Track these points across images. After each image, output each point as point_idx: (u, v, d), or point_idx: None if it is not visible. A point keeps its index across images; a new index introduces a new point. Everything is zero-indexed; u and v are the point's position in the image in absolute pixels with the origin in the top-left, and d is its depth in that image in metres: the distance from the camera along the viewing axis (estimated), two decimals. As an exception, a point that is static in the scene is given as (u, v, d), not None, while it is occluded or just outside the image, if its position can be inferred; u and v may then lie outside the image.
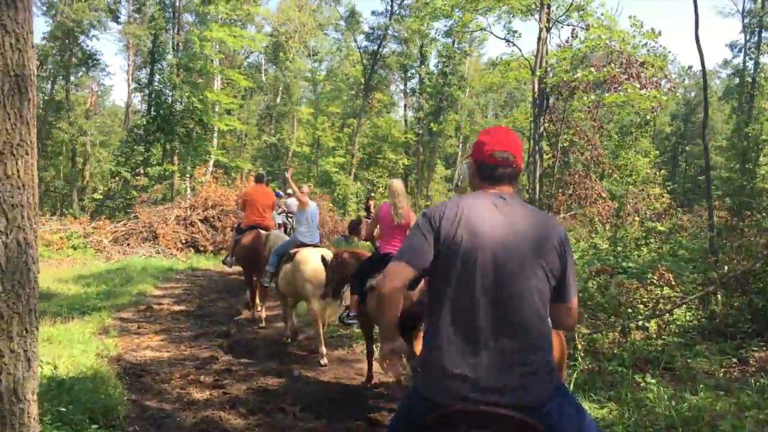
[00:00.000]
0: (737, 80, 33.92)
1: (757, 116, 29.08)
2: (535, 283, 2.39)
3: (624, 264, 11.44)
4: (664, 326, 7.41)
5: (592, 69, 15.16)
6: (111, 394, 6.03)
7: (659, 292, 8.50)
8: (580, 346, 6.81)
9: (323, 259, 7.83)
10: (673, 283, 8.90)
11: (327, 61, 44.58)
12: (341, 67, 44.38)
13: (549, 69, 15.65)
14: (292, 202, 15.65)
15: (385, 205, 6.65)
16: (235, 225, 12.97)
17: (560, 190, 16.48)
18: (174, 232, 18.91)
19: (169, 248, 18.34)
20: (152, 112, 28.85)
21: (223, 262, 12.28)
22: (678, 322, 7.59)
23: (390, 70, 43.44)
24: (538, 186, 16.12)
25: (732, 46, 33.26)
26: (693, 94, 57.98)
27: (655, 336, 7.20)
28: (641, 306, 8.40)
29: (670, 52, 15.03)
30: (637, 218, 15.10)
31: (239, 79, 30.78)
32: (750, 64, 31.10)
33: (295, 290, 8.48)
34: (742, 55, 32.15)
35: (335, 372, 7.49)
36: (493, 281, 2.36)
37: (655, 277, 8.74)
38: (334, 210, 30.05)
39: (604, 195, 16.16)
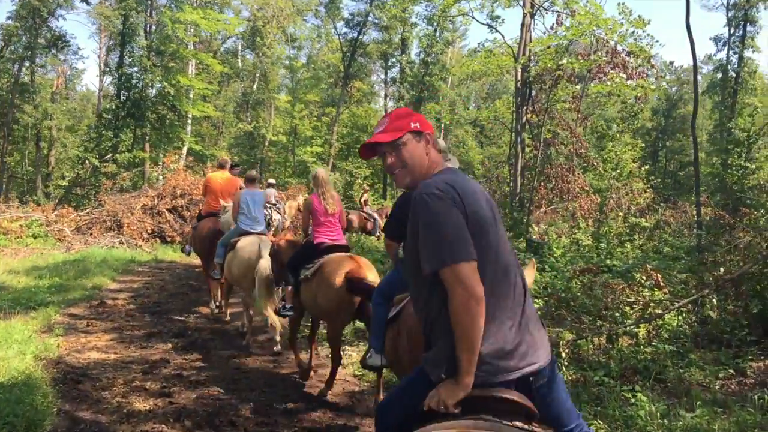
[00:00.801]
0: (720, 75, 33.59)
1: (740, 111, 28.80)
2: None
3: (608, 262, 10.91)
4: (654, 332, 6.82)
5: (578, 57, 14.57)
6: (39, 404, 5.37)
7: (647, 294, 7.94)
8: (564, 354, 6.20)
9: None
10: (662, 283, 8.36)
11: (306, 48, 43.73)
12: (320, 54, 43.56)
13: (533, 57, 15.02)
14: (271, 192, 16.34)
15: (314, 196, 6.54)
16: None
17: (542, 184, 15.91)
18: (140, 221, 18.07)
19: (134, 239, 17.52)
20: (122, 97, 27.84)
21: (182, 251, 12.12)
22: (668, 327, 7.00)
23: (370, 59, 42.65)
24: (519, 179, 15.53)
25: (716, 39, 32.85)
26: (675, 89, 58.00)
27: (644, 343, 6.62)
28: (628, 309, 7.84)
29: (657, 41, 14.43)
30: (620, 214, 14.58)
31: (213, 64, 29.91)
32: (734, 59, 30.75)
33: (238, 280, 8.45)
34: (726, 49, 31.78)
35: (297, 378, 6.84)
36: (506, 251, 2.41)
37: (643, 277, 8.19)
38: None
39: (586, 189, 15.62)
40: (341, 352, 6.48)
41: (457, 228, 2.25)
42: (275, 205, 15.89)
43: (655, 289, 8.12)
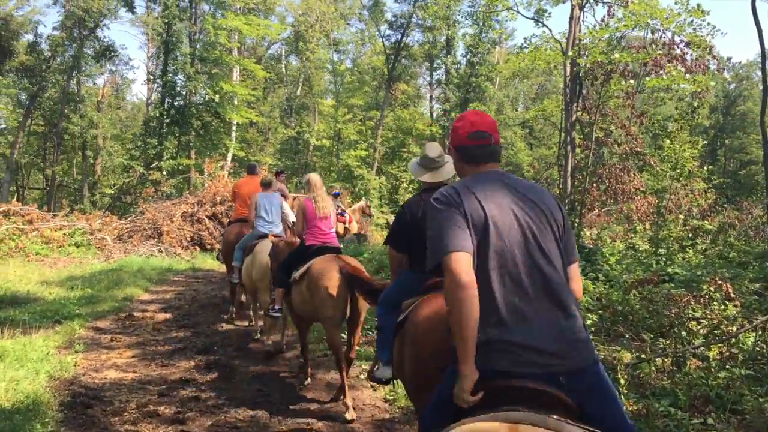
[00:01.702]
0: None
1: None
2: (554, 246, 2.44)
3: (669, 269, 9.99)
4: (727, 353, 5.96)
5: (632, 50, 13.63)
6: (40, 432, 4.92)
7: (716, 307, 7.08)
8: (622, 380, 5.43)
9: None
10: (732, 295, 7.47)
11: (350, 52, 43.35)
12: (364, 57, 43.13)
13: (582, 51, 14.13)
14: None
15: (307, 200, 6.66)
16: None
17: (594, 185, 14.99)
18: (179, 229, 17.80)
19: (173, 246, 17.25)
20: (166, 104, 27.86)
21: (217, 258, 12.37)
22: (743, 348, 6.12)
23: (415, 61, 41.99)
24: (569, 181, 14.63)
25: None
26: (733, 86, 55.91)
27: (716, 366, 5.77)
28: (694, 324, 6.99)
29: (718, 30, 13.37)
30: (680, 216, 13.56)
31: (256, 70, 29.75)
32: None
33: (253, 285, 8.37)
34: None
35: (322, 400, 6.23)
36: (527, 250, 2.38)
37: (711, 288, 7.32)
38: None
39: (643, 189, 14.63)
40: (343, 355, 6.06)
41: (450, 225, 2.39)
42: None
43: (726, 302, 7.26)
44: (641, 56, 13.40)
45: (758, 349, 6.16)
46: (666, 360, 5.90)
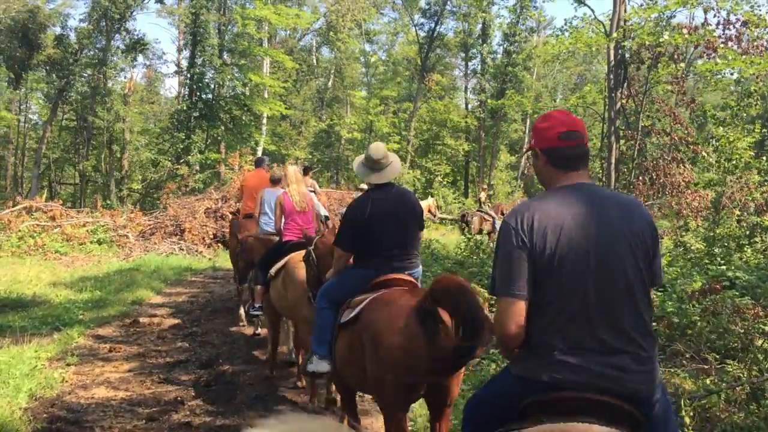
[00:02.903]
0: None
1: None
2: (634, 272, 2.31)
3: (729, 273, 8.91)
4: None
5: (682, 31, 12.47)
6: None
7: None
8: (687, 416, 4.47)
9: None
10: (810, 305, 6.43)
11: (382, 43, 42.44)
12: (397, 48, 42.21)
13: (628, 33, 12.99)
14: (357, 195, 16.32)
15: (284, 194, 6.72)
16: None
17: (640, 178, 13.85)
18: (202, 226, 17.15)
19: (195, 244, 16.61)
20: (194, 97, 27.32)
21: None
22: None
23: (449, 50, 40.89)
24: (614, 174, 13.53)
25: (838, 12, 29.22)
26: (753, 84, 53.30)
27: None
28: (762, 341, 5.97)
29: (781, 6, 12.11)
30: (735, 211, 12.39)
31: (285, 60, 29.05)
32: None
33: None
34: None
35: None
36: (599, 281, 2.27)
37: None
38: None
39: (694, 182, 13.47)
40: None
41: (510, 260, 2.39)
42: None
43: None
44: (694, 38, 12.25)
45: None
46: (740, 391, 4.91)
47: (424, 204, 19.78)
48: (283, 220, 6.73)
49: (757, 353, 5.29)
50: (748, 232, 11.77)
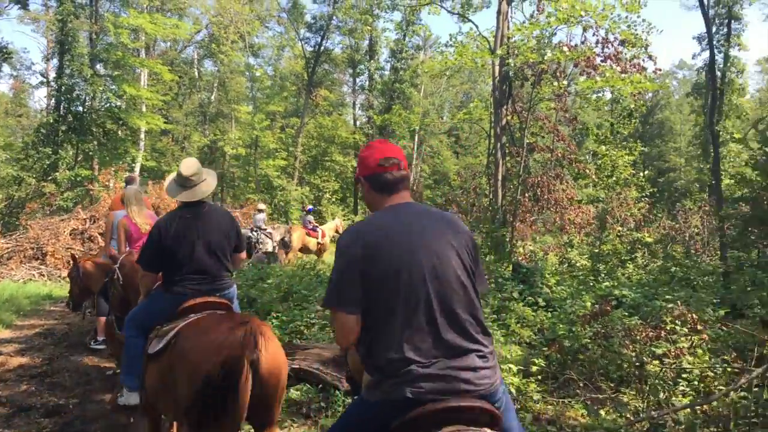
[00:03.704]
0: (697, 76, 32.00)
1: (727, 113, 27.16)
2: (467, 278, 2.42)
3: (617, 292, 8.84)
4: (712, 412, 4.69)
5: (564, 48, 12.57)
6: None
7: (684, 344, 5.86)
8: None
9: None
10: (698, 326, 6.31)
11: (268, 58, 41.53)
12: (283, 62, 41.46)
13: (512, 50, 12.97)
14: (260, 218, 17.38)
15: (126, 217, 6.42)
16: None
17: (525, 194, 13.85)
18: (66, 248, 15.65)
19: (58, 269, 15.12)
20: (62, 110, 25.35)
21: None
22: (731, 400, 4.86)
23: (336, 66, 40.57)
24: (500, 189, 13.44)
25: (700, 39, 31.24)
26: (650, 95, 56.98)
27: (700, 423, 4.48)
28: (656, 366, 5.74)
29: (654, 27, 12.45)
30: (616, 227, 12.57)
31: (163, 72, 27.57)
32: (719, 58, 29.07)
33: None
34: (708, 48, 30.06)
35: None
36: (436, 287, 2.34)
37: (677, 322, 6.12)
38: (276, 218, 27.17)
39: (577, 199, 13.59)
40: None
41: (343, 278, 2.45)
42: (264, 229, 17.01)
43: (691, 335, 6.07)
44: (574, 54, 12.36)
45: (744, 403, 4.92)
46: (641, 427, 4.58)
47: (331, 225, 19.78)
48: (127, 246, 6.26)
49: (655, 382, 5.01)
50: (629, 248, 11.95)
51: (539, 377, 5.85)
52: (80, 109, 25.70)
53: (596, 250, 11.47)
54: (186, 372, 3.43)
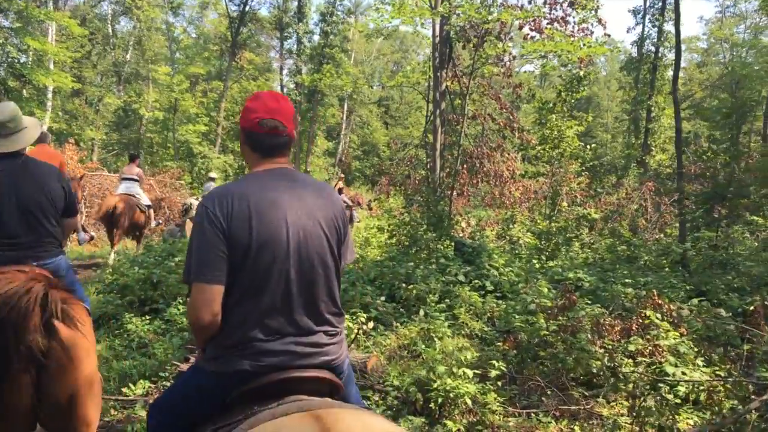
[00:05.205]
0: (635, 51, 31.86)
1: (660, 88, 27.08)
2: (330, 256, 2.34)
3: (571, 274, 8.01)
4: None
5: (510, 8, 11.61)
6: None
7: (665, 339, 5.03)
8: None
9: None
10: (674, 314, 5.52)
11: (190, 17, 39.25)
12: (205, 20, 39.36)
13: (454, 7, 11.92)
14: (209, 186, 15.92)
15: None
16: None
17: (465, 166, 12.94)
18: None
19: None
20: (-46, 63, 22.91)
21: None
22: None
23: (263, 28, 38.65)
24: (438, 159, 12.46)
25: (635, 12, 30.93)
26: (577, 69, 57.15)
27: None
28: (629, 364, 4.90)
29: (603, -11, 11.64)
30: (564, 203, 11.84)
31: (72, 26, 25.28)
32: (653, 32, 28.84)
33: None
34: (643, 22, 29.86)
35: None
36: (297, 267, 2.24)
37: (657, 315, 5.28)
38: (193, 189, 25.51)
39: (519, 172, 12.79)
40: None
41: (205, 249, 2.27)
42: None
43: (670, 330, 5.25)
44: (521, 14, 11.42)
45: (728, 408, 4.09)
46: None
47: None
48: None
49: (631, 382, 4.13)
50: (575, 224, 11.25)
51: (498, 383, 4.89)
52: (-26, 63, 23.27)
53: (542, 227, 10.71)
54: None
